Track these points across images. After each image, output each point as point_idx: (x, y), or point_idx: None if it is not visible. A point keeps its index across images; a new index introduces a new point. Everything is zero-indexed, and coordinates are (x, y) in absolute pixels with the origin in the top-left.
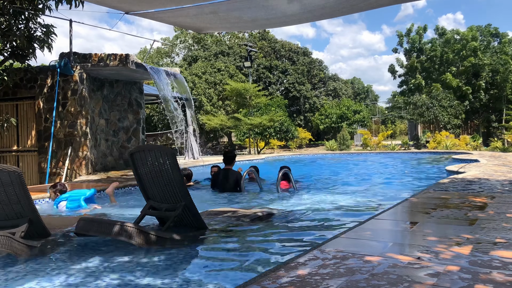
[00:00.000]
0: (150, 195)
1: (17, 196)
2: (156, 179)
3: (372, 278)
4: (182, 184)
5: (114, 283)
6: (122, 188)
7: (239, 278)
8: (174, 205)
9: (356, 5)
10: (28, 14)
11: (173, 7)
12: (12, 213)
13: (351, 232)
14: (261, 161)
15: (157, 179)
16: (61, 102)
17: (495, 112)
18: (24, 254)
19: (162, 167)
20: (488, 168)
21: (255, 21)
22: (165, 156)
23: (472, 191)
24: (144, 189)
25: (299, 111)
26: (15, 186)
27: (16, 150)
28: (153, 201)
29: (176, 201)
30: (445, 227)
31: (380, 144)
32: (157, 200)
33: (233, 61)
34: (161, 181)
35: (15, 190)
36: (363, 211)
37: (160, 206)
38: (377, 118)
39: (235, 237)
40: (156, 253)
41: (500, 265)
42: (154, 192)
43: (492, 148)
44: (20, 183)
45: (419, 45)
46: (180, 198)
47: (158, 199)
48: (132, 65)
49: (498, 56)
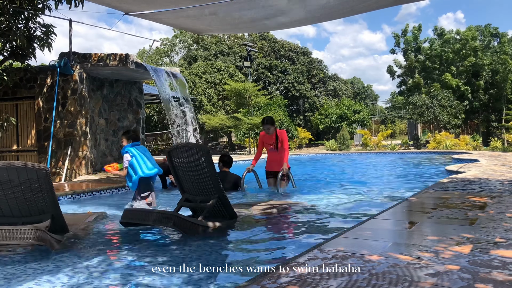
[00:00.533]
0: (185, 188)
1: (42, 193)
2: (191, 174)
3: (372, 278)
4: (216, 179)
5: (114, 283)
6: (122, 188)
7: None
8: (208, 197)
9: (356, 7)
10: (28, 14)
11: (173, 8)
12: (36, 210)
13: (351, 232)
14: (261, 161)
15: (192, 174)
16: (61, 102)
17: (495, 112)
18: (55, 247)
19: (197, 163)
20: (488, 168)
21: (255, 23)
22: (200, 153)
23: (472, 191)
24: (180, 183)
25: (299, 110)
26: (41, 183)
27: (16, 150)
28: (188, 194)
29: (210, 194)
30: (445, 226)
31: (380, 144)
32: (192, 193)
33: (233, 61)
34: (196, 176)
35: (41, 187)
36: (363, 211)
37: (195, 199)
38: (377, 118)
39: (262, 226)
40: (184, 241)
41: (500, 264)
42: (189, 185)
43: (492, 148)
44: (47, 181)
45: (416, 45)
46: (214, 191)
47: (193, 192)
48: (132, 65)
49: (498, 56)
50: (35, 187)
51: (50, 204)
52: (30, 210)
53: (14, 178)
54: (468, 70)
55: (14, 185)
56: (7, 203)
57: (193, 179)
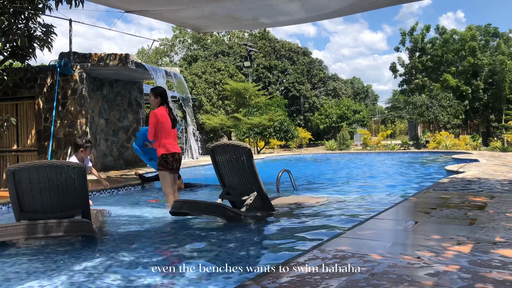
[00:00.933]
0: (226, 182)
1: (76, 189)
2: (232, 170)
3: (372, 277)
4: (256, 174)
5: (115, 283)
6: (122, 188)
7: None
8: (248, 191)
9: (356, 6)
10: (28, 14)
11: (172, 5)
12: (68, 205)
13: (351, 232)
14: (261, 161)
15: (234, 170)
16: (61, 102)
17: (495, 112)
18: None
19: (238, 160)
20: (487, 167)
21: (255, 20)
22: (242, 151)
23: (472, 190)
24: (221, 177)
25: (299, 110)
26: (76, 180)
27: (16, 150)
28: (229, 188)
29: (249, 188)
30: (445, 226)
31: (380, 144)
32: (232, 187)
33: (233, 61)
34: (237, 172)
35: (75, 184)
36: (363, 210)
37: (235, 192)
38: (377, 118)
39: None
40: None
41: (500, 264)
42: (230, 180)
43: (492, 148)
44: (83, 178)
45: (421, 45)
46: (254, 186)
47: (233, 186)
48: (132, 65)
49: (496, 56)
50: (70, 184)
51: (81, 200)
52: (63, 206)
53: (52, 176)
54: (468, 70)
55: (51, 183)
56: (41, 199)
57: (234, 174)
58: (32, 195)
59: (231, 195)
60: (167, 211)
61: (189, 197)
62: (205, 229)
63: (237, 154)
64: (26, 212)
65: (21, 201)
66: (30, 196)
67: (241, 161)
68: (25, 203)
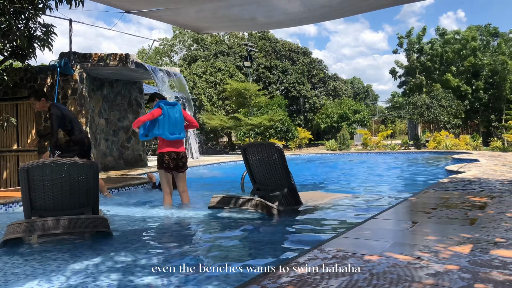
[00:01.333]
0: (257, 179)
1: (88, 187)
2: (264, 167)
3: (372, 277)
4: (288, 171)
5: (114, 283)
6: (122, 188)
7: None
8: (279, 187)
9: (357, 6)
10: (28, 14)
11: (173, 7)
12: (77, 203)
13: (351, 232)
14: None
15: (265, 167)
16: (61, 102)
17: (495, 112)
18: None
19: (270, 158)
20: (488, 167)
21: (254, 21)
22: (274, 150)
23: (472, 190)
24: (252, 175)
25: (299, 111)
26: (89, 178)
27: (16, 150)
28: (259, 184)
29: (280, 184)
30: (445, 226)
31: (380, 144)
32: (263, 183)
33: (233, 61)
34: (269, 168)
35: (88, 182)
36: (363, 210)
37: (266, 188)
38: (377, 118)
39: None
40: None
41: (500, 264)
42: (260, 177)
43: (492, 148)
44: (96, 176)
45: (419, 46)
46: (285, 182)
47: (263, 182)
48: (132, 65)
49: (497, 56)
50: (82, 182)
51: (92, 198)
52: (73, 203)
53: (65, 173)
54: (468, 70)
55: (64, 180)
56: (53, 197)
57: (265, 172)
58: (43, 193)
59: (261, 191)
60: (167, 211)
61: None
62: (207, 228)
63: (269, 153)
64: (36, 209)
65: (33, 199)
66: (42, 193)
67: (273, 159)
68: (36, 200)
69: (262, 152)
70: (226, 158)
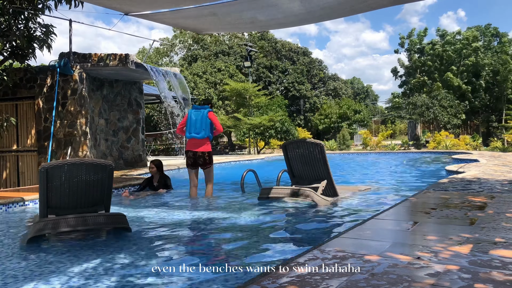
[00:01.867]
0: (295, 173)
1: (103, 187)
2: (304, 162)
3: (372, 278)
4: (328, 166)
5: (114, 283)
6: (122, 189)
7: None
8: (315, 180)
9: (356, 6)
10: (27, 14)
11: (172, 9)
12: (92, 202)
13: (351, 232)
14: (261, 161)
15: (304, 162)
16: (61, 102)
17: (495, 112)
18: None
19: (311, 154)
20: (487, 168)
21: (254, 22)
22: (315, 147)
23: (471, 191)
24: (291, 169)
25: (299, 110)
26: (104, 178)
27: (15, 150)
28: (298, 178)
29: (318, 177)
30: (445, 227)
31: (380, 144)
32: (301, 177)
33: (233, 61)
34: (309, 163)
35: (102, 182)
36: (363, 211)
37: (304, 181)
38: (377, 118)
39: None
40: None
41: (500, 264)
42: (299, 171)
43: (492, 148)
44: (111, 176)
45: (420, 46)
46: (325, 175)
47: (302, 176)
48: (132, 65)
49: (498, 56)
50: (98, 182)
51: (106, 197)
52: (88, 202)
53: (83, 173)
54: (469, 70)
55: (82, 180)
56: (69, 196)
57: (304, 166)
58: (60, 192)
59: (300, 184)
60: (167, 211)
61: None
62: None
63: (310, 149)
64: (52, 208)
65: (50, 198)
66: (59, 192)
67: (313, 155)
68: (53, 199)
69: (303, 148)
70: (226, 158)
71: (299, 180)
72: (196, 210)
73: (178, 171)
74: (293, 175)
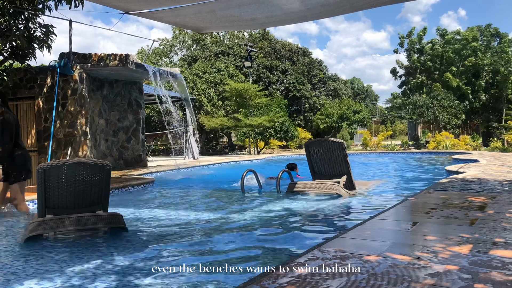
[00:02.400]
0: (316, 169)
1: (101, 187)
2: (325, 160)
3: (372, 278)
4: (348, 162)
5: (114, 283)
6: (122, 188)
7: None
8: (335, 175)
9: (356, 4)
10: (27, 14)
11: (172, 7)
12: (89, 201)
13: (351, 232)
14: (261, 161)
15: (326, 159)
16: (61, 102)
17: (495, 112)
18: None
19: (332, 152)
20: (487, 168)
21: (254, 20)
22: (337, 145)
23: (472, 191)
24: (312, 165)
25: (299, 111)
26: (102, 178)
27: None
28: (319, 174)
29: (337, 173)
30: (445, 227)
31: (380, 144)
32: (322, 173)
33: (233, 61)
34: (329, 160)
35: (100, 182)
36: (363, 211)
37: (324, 177)
38: (377, 118)
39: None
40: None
41: (500, 265)
42: (320, 167)
43: (492, 148)
44: (108, 176)
45: (419, 45)
46: (345, 171)
47: (322, 172)
48: (132, 65)
49: (499, 56)
50: (96, 182)
51: (104, 197)
52: (86, 202)
53: (81, 173)
54: (469, 70)
55: (79, 180)
56: (67, 196)
57: (325, 163)
58: (58, 192)
59: (321, 179)
60: (166, 211)
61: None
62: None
63: (332, 148)
64: (50, 208)
65: (48, 198)
66: (57, 193)
67: (335, 153)
68: (51, 199)
69: (324, 146)
70: (226, 159)
71: (319, 176)
72: (195, 210)
73: (179, 171)
74: (314, 171)
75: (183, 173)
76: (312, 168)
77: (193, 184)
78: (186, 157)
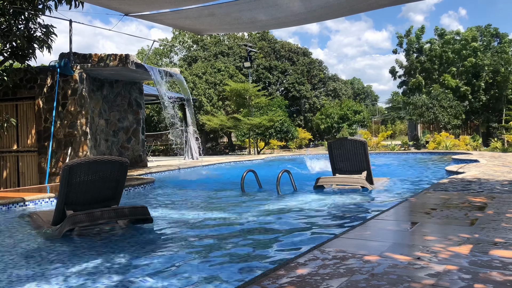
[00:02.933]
0: (336, 166)
1: (118, 183)
2: (348, 156)
3: (372, 278)
4: (369, 159)
5: (114, 283)
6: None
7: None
8: (355, 171)
9: (356, 6)
10: (28, 15)
11: (172, 9)
12: (106, 197)
13: (351, 232)
14: (261, 161)
15: (350, 156)
16: (61, 102)
17: (495, 113)
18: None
19: (354, 150)
20: (487, 168)
21: (254, 22)
22: (359, 144)
23: (472, 191)
24: (333, 162)
25: (299, 111)
26: (120, 175)
27: (16, 150)
28: (339, 170)
29: (357, 169)
30: (445, 227)
31: (380, 145)
32: (342, 169)
33: (233, 62)
34: (351, 158)
35: (117, 178)
36: (363, 211)
37: (345, 173)
38: (377, 118)
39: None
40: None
41: (500, 265)
42: (340, 164)
43: (492, 148)
44: (125, 172)
45: (418, 45)
46: (365, 167)
47: (343, 168)
48: (132, 65)
49: (499, 56)
50: (114, 178)
51: (119, 193)
52: (103, 198)
53: (102, 170)
54: (468, 71)
55: (99, 176)
56: (85, 192)
57: (346, 159)
58: (80, 189)
59: (342, 175)
60: (167, 211)
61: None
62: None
63: (353, 146)
64: (69, 204)
65: (69, 194)
66: (78, 189)
67: (357, 150)
68: (71, 196)
69: (346, 145)
70: (226, 159)
71: (340, 172)
72: (195, 209)
73: (179, 171)
74: (335, 168)
75: (183, 173)
76: (334, 165)
77: (193, 184)
78: (186, 157)
